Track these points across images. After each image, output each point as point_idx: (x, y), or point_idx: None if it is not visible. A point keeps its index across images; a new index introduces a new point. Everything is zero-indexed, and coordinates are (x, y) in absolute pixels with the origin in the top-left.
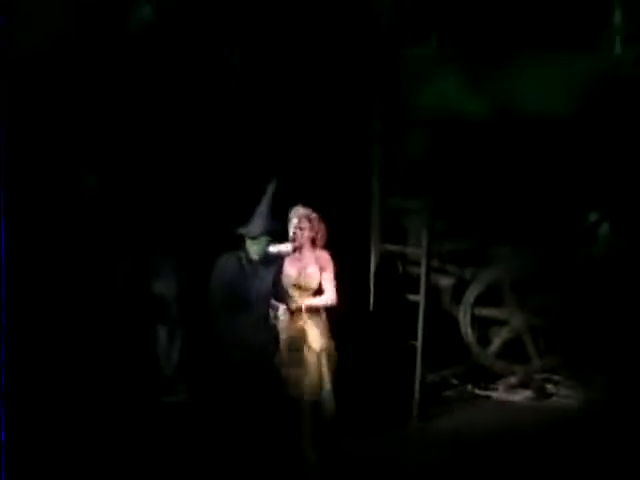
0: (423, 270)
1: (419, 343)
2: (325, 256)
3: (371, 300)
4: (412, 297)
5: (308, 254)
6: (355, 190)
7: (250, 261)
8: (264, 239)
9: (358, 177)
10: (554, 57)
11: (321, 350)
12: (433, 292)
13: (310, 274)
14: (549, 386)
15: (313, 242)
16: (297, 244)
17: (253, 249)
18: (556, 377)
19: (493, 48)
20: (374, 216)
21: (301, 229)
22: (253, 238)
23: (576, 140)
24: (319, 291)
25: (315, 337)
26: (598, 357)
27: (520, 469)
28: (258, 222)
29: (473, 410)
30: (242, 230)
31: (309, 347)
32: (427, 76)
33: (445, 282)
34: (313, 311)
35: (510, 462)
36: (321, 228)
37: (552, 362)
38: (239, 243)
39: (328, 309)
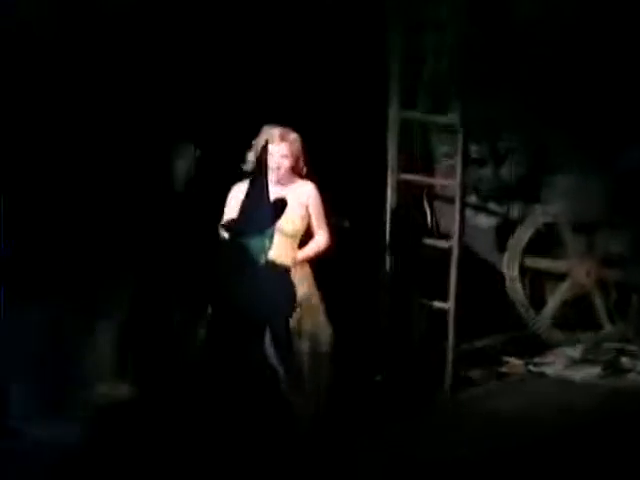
0: (457, 207)
1: (450, 304)
2: (309, 188)
3: (387, 247)
4: (441, 243)
5: (287, 189)
6: (367, 102)
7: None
8: None
9: (371, 85)
10: None
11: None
12: (469, 236)
13: (294, 215)
14: (623, 359)
15: (293, 171)
16: (274, 176)
17: None
18: (632, 348)
19: None
20: (391, 136)
21: (280, 156)
22: None
23: None
24: (307, 235)
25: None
26: None
27: (581, 466)
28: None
29: (520, 390)
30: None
31: None
32: None
33: (485, 223)
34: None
35: (567, 457)
36: (301, 151)
37: (628, 329)
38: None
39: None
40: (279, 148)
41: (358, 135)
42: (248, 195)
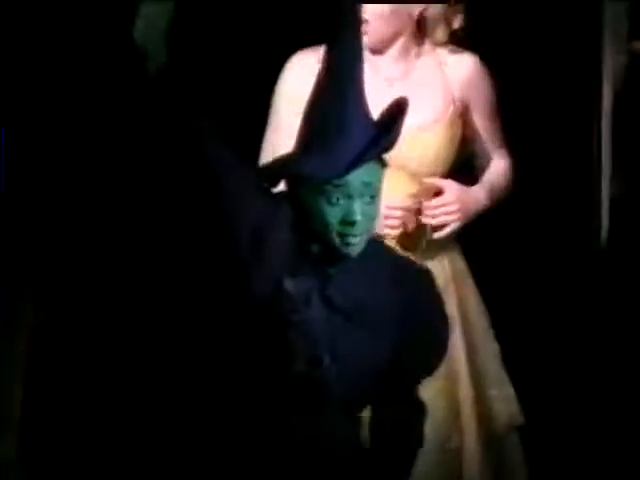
0: None
1: None
2: (466, 64)
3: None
4: None
5: (412, 71)
6: None
7: None
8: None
9: None
10: None
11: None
12: None
13: (428, 121)
14: None
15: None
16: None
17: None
18: None
19: None
20: None
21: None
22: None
23: None
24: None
25: None
26: None
27: None
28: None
29: None
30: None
31: None
32: None
33: None
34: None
35: None
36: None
37: None
38: None
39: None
40: None
41: None
42: (322, 91)
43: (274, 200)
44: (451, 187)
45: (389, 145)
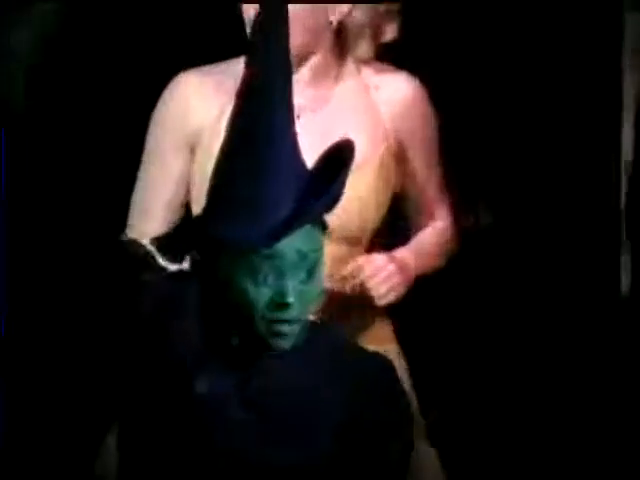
0: None
1: None
2: (403, 87)
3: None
4: None
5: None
6: None
7: None
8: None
9: None
10: None
11: None
12: None
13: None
14: None
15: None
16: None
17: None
18: None
19: None
20: None
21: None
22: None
23: None
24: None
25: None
26: None
27: None
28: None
29: None
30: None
31: None
32: None
33: None
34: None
35: None
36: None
37: None
38: None
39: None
40: None
41: None
42: (240, 127)
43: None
44: (371, 258)
45: (332, 202)
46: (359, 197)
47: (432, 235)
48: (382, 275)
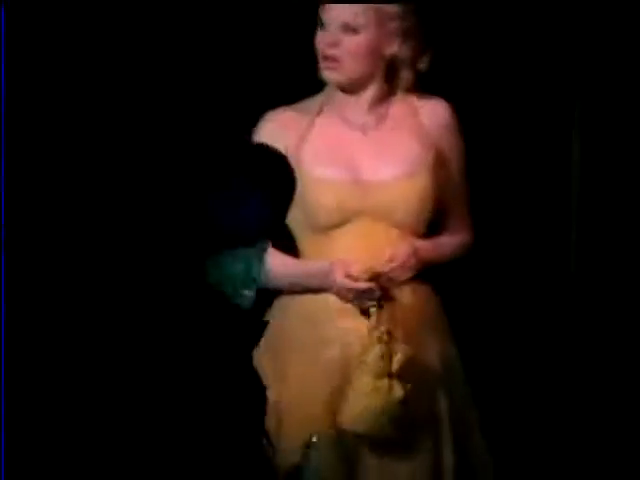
0: None
1: None
2: (439, 109)
3: None
4: None
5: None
6: None
7: None
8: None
9: None
10: None
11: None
12: None
13: (404, 170)
14: None
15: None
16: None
17: None
18: None
19: None
20: None
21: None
22: None
23: None
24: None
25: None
26: None
27: None
28: None
29: None
30: None
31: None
32: None
33: None
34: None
35: None
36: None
37: None
38: None
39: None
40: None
41: None
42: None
43: None
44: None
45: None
46: (418, 192)
47: (450, 245)
48: (405, 266)
